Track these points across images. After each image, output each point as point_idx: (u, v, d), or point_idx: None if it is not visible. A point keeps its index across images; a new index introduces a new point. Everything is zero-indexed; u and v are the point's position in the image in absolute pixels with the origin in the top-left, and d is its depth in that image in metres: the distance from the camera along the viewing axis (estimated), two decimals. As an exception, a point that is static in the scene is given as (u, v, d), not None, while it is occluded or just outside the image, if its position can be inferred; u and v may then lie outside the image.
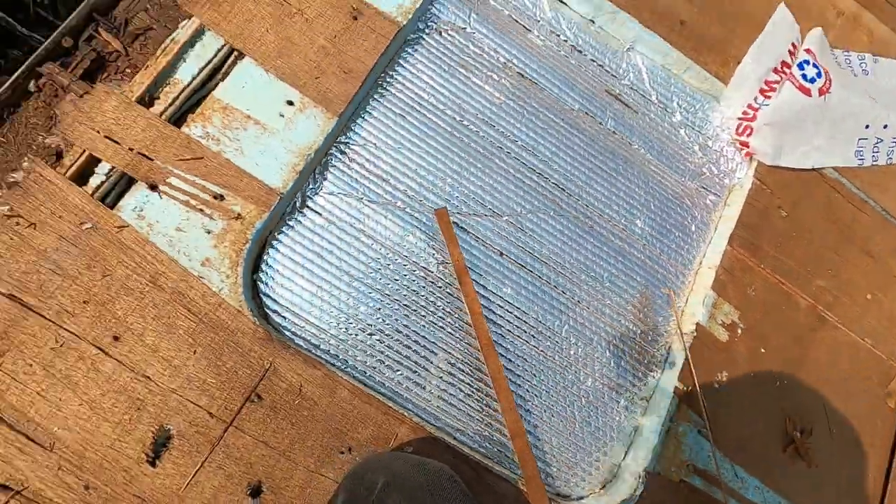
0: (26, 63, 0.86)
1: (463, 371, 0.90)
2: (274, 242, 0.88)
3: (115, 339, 0.75)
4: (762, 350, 1.04)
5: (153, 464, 0.73)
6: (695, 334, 1.00)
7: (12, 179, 0.81)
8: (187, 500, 0.72)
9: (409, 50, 1.02)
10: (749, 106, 1.15)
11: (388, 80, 0.99)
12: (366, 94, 0.97)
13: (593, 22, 1.14)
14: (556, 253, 1.01)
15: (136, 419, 0.73)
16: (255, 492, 0.75)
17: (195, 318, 0.78)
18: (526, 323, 0.96)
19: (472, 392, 0.90)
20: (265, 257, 0.87)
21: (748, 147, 1.15)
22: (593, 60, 1.13)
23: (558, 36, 1.12)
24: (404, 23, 0.97)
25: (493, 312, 0.95)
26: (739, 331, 1.03)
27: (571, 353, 0.97)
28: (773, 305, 1.07)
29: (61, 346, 0.73)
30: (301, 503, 0.75)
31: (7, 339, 0.72)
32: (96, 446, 0.72)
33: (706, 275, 1.06)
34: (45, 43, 0.87)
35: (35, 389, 0.72)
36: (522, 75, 1.08)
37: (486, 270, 0.96)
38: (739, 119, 1.16)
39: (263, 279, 0.86)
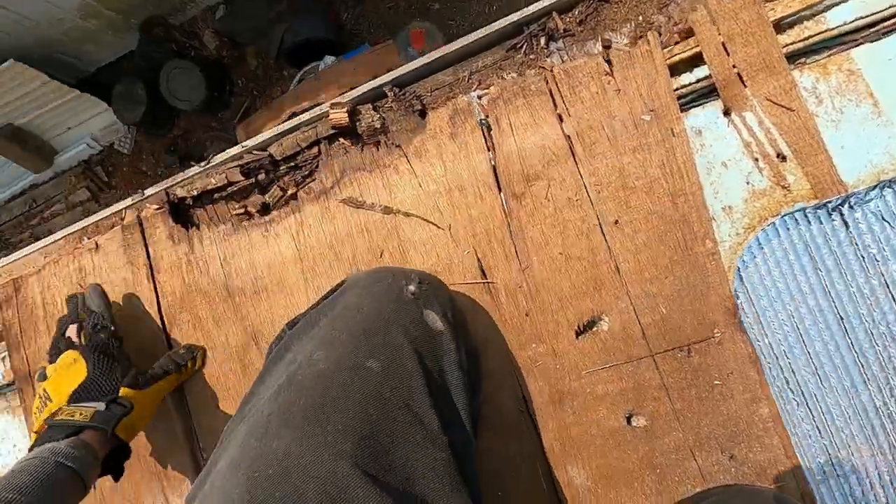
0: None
1: (873, 483, 0.76)
2: (778, 222, 0.80)
3: (615, 223, 0.80)
4: None
5: (577, 336, 0.81)
6: None
7: (610, 39, 0.87)
8: (583, 381, 0.80)
9: None
10: None
11: None
12: None
13: None
14: None
15: (587, 293, 0.81)
16: (629, 419, 0.79)
17: (685, 251, 0.78)
18: None
19: (870, 508, 0.76)
20: (761, 232, 0.81)
21: None
22: None
23: None
24: None
25: (965, 460, 0.74)
26: None
27: None
28: None
29: (576, 200, 0.82)
30: (661, 458, 0.77)
31: (545, 169, 0.84)
32: (552, 291, 0.82)
33: None
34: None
35: (540, 219, 0.83)
36: None
37: None
38: None
39: (748, 251, 0.81)
